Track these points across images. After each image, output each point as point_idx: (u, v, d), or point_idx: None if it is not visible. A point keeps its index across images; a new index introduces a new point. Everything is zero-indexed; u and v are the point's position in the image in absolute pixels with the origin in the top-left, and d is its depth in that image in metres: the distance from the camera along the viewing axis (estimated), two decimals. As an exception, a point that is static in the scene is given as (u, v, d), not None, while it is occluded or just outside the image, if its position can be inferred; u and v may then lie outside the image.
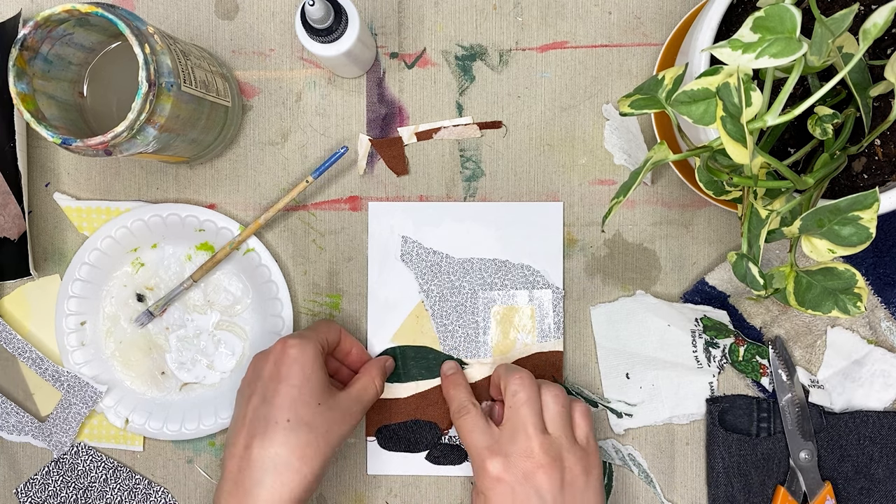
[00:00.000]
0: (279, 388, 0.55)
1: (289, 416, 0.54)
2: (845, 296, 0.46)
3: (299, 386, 0.55)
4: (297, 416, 0.54)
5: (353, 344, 0.63)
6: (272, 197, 0.65)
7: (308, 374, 0.56)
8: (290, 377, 0.55)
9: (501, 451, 0.55)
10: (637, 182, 0.47)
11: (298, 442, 0.54)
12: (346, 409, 0.57)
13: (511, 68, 0.64)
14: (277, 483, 0.53)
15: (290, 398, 0.55)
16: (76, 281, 0.64)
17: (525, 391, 0.57)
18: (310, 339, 0.57)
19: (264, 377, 0.56)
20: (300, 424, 0.54)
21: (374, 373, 0.61)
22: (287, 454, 0.54)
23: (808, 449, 0.62)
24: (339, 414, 0.57)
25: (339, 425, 0.56)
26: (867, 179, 0.52)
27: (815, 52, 0.44)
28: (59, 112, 0.53)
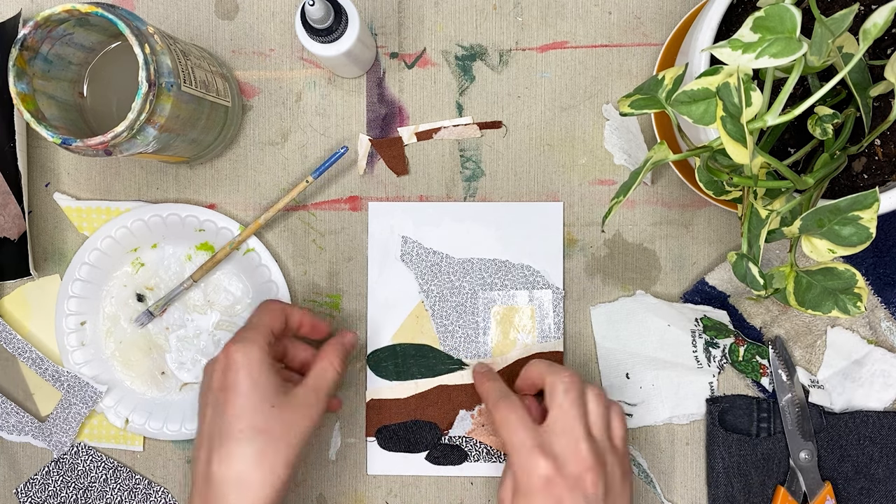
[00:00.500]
0: (228, 397, 0.53)
1: (241, 427, 0.52)
2: (845, 296, 0.46)
3: (248, 393, 0.53)
4: (251, 424, 0.53)
5: (302, 316, 0.59)
6: (272, 197, 0.65)
7: (255, 379, 0.53)
8: (238, 385, 0.53)
9: (551, 451, 0.53)
10: (637, 182, 0.47)
11: (255, 451, 0.52)
12: (303, 403, 0.55)
13: (511, 68, 0.64)
14: (241, 498, 0.52)
15: (240, 407, 0.53)
16: (76, 281, 0.64)
17: (575, 390, 0.55)
18: (252, 340, 0.55)
19: (214, 388, 0.54)
20: (255, 433, 0.53)
21: (331, 356, 0.58)
22: (246, 467, 0.52)
23: (808, 449, 0.62)
24: (296, 411, 0.54)
25: (298, 423, 0.54)
26: (867, 179, 0.52)
27: (815, 52, 0.44)
28: (59, 112, 0.53)
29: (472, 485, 0.65)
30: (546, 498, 0.53)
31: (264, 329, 0.56)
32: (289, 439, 0.53)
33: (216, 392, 0.54)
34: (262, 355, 0.54)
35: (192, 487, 0.54)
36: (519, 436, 0.54)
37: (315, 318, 0.60)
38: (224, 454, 0.52)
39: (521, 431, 0.54)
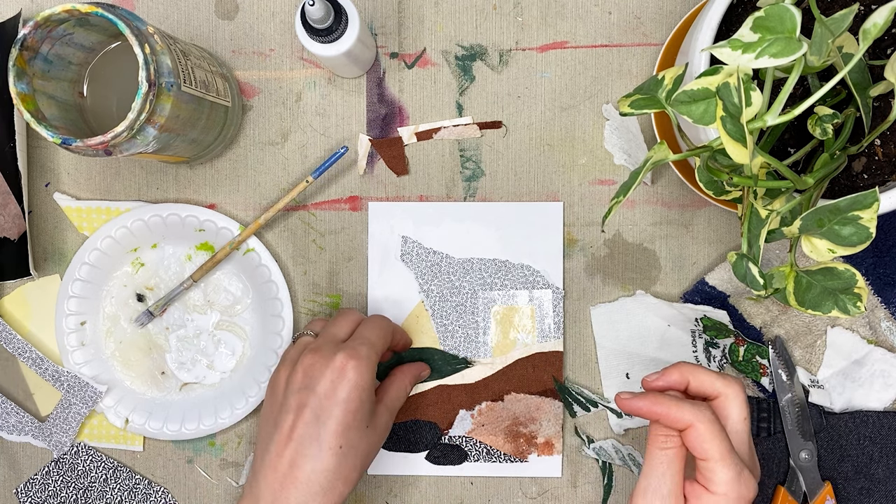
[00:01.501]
0: (334, 411, 0.53)
1: (341, 443, 0.54)
2: (845, 296, 0.46)
3: (355, 412, 0.54)
4: (349, 441, 0.54)
5: (402, 338, 0.62)
6: (272, 197, 0.65)
7: (363, 400, 0.54)
8: (349, 402, 0.54)
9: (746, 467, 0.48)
10: (637, 182, 0.47)
11: (347, 467, 0.54)
12: (383, 424, 0.58)
13: (511, 68, 0.64)
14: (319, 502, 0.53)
15: (344, 424, 0.54)
16: (76, 281, 0.64)
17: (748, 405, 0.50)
18: (367, 358, 0.55)
19: (319, 393, 0.54)
20: (350, 449, 0.54)
21: (407, 381, 0.61)
22: (334, 479, 0.53)
23: (808, 449, 0.62)
24: (379, 432, 0.57)
25: (377, 442, 0.57)
26: (867, 179, 0.52)
27: (815, 52, 0.44)
28: (59, 112, 0.53)
29: (472, 485, 0.65)
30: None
31: (377, 349, 0.57)
32: (369, 456, 0.56)
33: (321, 398, 0.54)
34: (372, 376, 0.55)
35: (260, 481, 0.54)
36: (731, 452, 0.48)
37: (406, 335, 0.63)
38: (318, 464, 0.53)
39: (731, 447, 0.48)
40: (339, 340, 0.57)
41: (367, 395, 0.55)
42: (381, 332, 0.58)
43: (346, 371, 0.54)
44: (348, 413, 0.54)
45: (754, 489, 0.48)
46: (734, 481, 0.47)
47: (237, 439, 0.66)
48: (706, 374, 0.51)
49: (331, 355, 0.55)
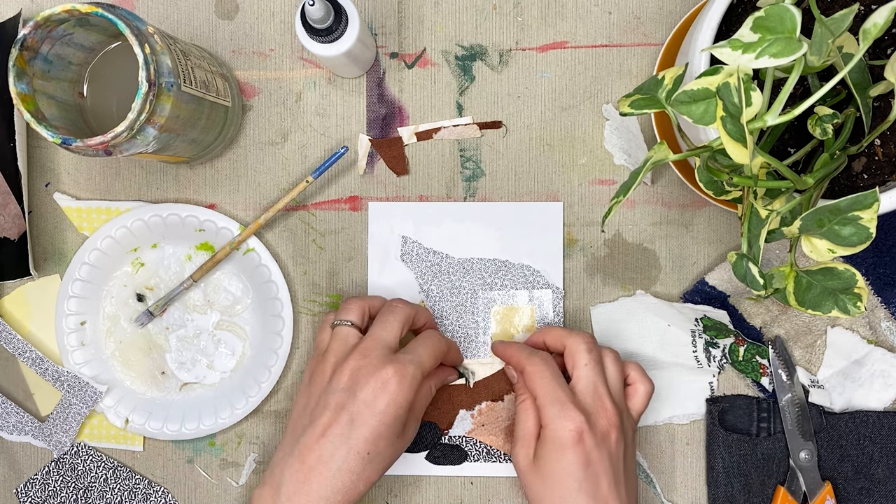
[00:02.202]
0: (370, 420, 0.54)
1: (370, 450, 0.55)
2: (845, 296, 0.46)
3: (389, 424, 0.55)
4: (377, 449, 0.55)
5: (455, 354, 0.63)
6: (272, 197, 0.65)
7: (400, 415, 0.55)
8: (385, 415, 0.55)
9: (583, 407, 0.55)
10: (637, 182, 0.47)
11: (369, 470, 0.55)
12: (412, 433, 0.59)
13: (511, 68, 0.64)
14: (339, 500, 0.54)
15: (377, 434, 0.55)
16: (76, 281, 0.64)
17: (596, 351, 0.57)
18: (414, 378, 0.56)
19: (359, 399, 0.55)
20: (376, 455, 0.55)
21: (435, 383, 0.60)
22: (357, 480, 0.55)
23: (808, 449, 0.62)
24: (405, 440, 0.58)
25: (402, 449, 0.58)
26: (867, 179, 0.52)
27: (815, 52, 0.44)
28: (59, 112, 0.53)
29: (472, 485, 0.65)
30: (576, 452, 0.54)
31: (424, 369, 0.57)
32: (393, 460, 0.57)
33: (360, 405, 0.55)
34: (411, 393, 0.56)
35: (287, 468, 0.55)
36: (554, 390, 0.56)
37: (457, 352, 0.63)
38: (344, 464, 0.55)
39: (555, 385, 0.56)
40: (389, 346, 0.57)
41: (404, 410, 0.56)
42: (435, 351, 0.59)
43: (389, 385, 0.55)
44: (382, 424, 0.55)
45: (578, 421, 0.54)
46: (557, 417, 0.54)
47: (237, 439, 0.66)
48: (554, 331, 0.60)
49: (380, 365, 0.55)
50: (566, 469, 0.54)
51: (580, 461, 0.54)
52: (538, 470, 0.55)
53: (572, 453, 0.54)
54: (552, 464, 0.55)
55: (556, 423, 0.55)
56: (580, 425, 0.54)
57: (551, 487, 0.55)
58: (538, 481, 0.55)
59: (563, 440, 0.54)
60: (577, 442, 0.54)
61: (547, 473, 0.55)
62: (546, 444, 0.55)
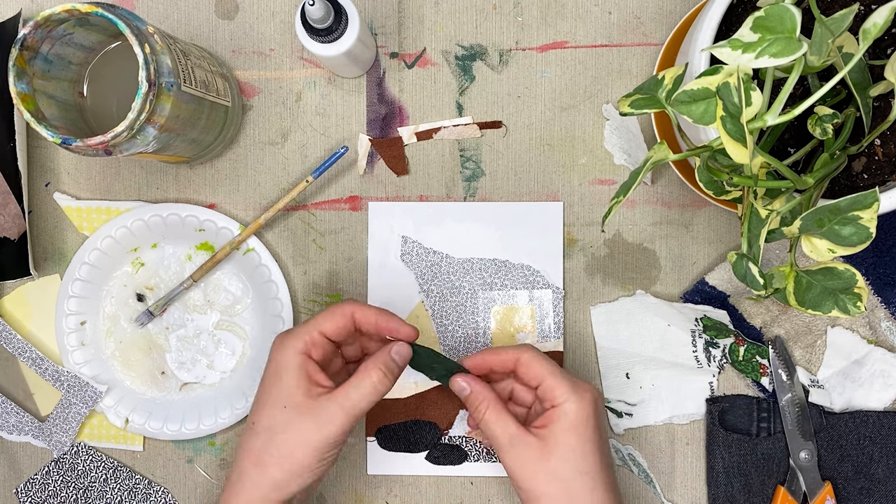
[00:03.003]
0: (258, 388, 0.55)
1: (254, 419, 0.53)
2: (845, 296, 0.46)
3: (268, 388, 0.53)
4: (259, 419, 0.53)
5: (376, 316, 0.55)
6: (272, 197, 0.65)
7: (279, 376, 0.53)
8: (266, 378, 0.54)
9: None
10: (637, 182, 0.47)
11: (256, 447, 0.52)
12: (320, 415, 0.52)
13: (511, 68, 0.64)
14: (237, 487, 0.53)
15: (259, 401, 0.54)
16: (76, 281, 0.64)
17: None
18: (294, 336, 0.53)
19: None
20: (264, 430, 0.52)
21: (372, 367, 0.53)
22: (243, 458, 0.53)
23: (808, 449, 0.62)
24: (309, 421, 0.52)
25: (308, 433, 0.52)
26: (867, 179, 0.52)
27: (815, 51, 0.44)
28: (59, 112, 0.53)
29: (472, 485, 0.65)
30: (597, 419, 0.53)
31: (313, 328, 0.54)
32: (289, 444, 0.52)
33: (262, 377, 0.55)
34: (295, 353, 0.53)
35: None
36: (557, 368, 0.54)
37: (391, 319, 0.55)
38: (241, 442, 0.54)
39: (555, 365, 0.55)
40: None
41: (284, 370, 0.52)
42: (327, 315, 0.54)
43: (272, 349, 0.54)
44: (263, 388, 0.54)
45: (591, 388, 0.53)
46: (573, 390, 0.52)
47: (237, 439, 0.66)
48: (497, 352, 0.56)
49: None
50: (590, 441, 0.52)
51: (600, 427, 0.53)
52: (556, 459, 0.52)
53: (594, 421, 0.53)
54: (573, 442, 0.52)
55: (574, 396, 0.52)
56: (594, 393, 0.53)
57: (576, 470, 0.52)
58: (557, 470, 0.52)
59: (586, 413, 0.52)
60: (597, 412, 0.53)
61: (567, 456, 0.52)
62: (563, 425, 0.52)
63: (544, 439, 0.52)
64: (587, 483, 0.52)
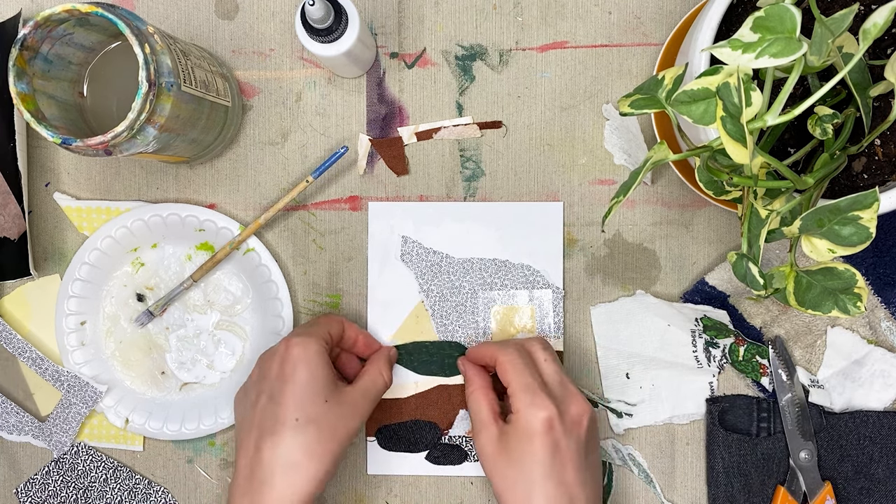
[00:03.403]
0: (285, 387, 0.55)
1: (297, 416, 0.55)
2: (845, 296, 0.46)
3: (305, 384, 0.55)
4: (305, 414, 0.55)
5: (357, 332, 0.63)
6: (272, 197, 0.65)
7: (313, 372, 0.56)
8: (296, 376, 0.56)
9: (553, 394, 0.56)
10: (637, 182, 0.47)
11: (307, 440, 0.54)
12: (352, 403, 0.58)
13: (511, 68, 0.64)
14: (286, 482, 0.54)
15: (296, 397, 0.55)
16: (76, 281, 0.64)
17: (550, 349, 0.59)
18: (313, 335, 0.58)
19: (270, 377, 0.56)
20: (308, 423, 0.55)
21: (381, 364, 0.61)
22: (295, 453, 0.54)
23: (808, 449, 0.62)
24: (346, 409, 0.57)
25: (346, 421, 0.56)
26: (867, 179, 0.52)
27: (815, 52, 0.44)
28: (59, 112, 0.53)
29: (472, 485, 0.65)
30: (544, 439, 0.55)
31: (322, 329, 0.59)
32: (336, 434, 0.56)
33: (273, 381, 0.56)
34: (319, 349, 0.57)
35: (236, 472, 0.56)
36: (524, 378, 0.56)
37: (372, 339, 0.64)
38: (277, 440, 0.54)
39: (527, 374, 0.57)
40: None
41: (316, 367, 0.56)
42: (328, 320, 0.61)
43: (290, 350, 0.56)
44: (297, 386, 0.55)
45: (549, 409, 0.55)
46: (529, 403, 0.55)
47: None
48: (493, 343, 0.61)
49: (276, 346, 0.58)
50: (534, 456, 0.54)
51: (548, 448, 0.54)
52: (506, 456, 0.56)
53: (540, 440, 0.54)
54: (520, 450, 0.55)
55: (527, 411, 0.55)
56: (550, 413, 0.55)
57: (518, 473, 0.55)
58: (505, 467, 0.55)
59: (533, 428, 0.55)
60: (547, 430, 0.54)
61: (515, 459, 0.55)
62: (516, 431, 0.56)
63: (505, 435, 0.56)
64: (524, 489, 0.55)
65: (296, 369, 0.56)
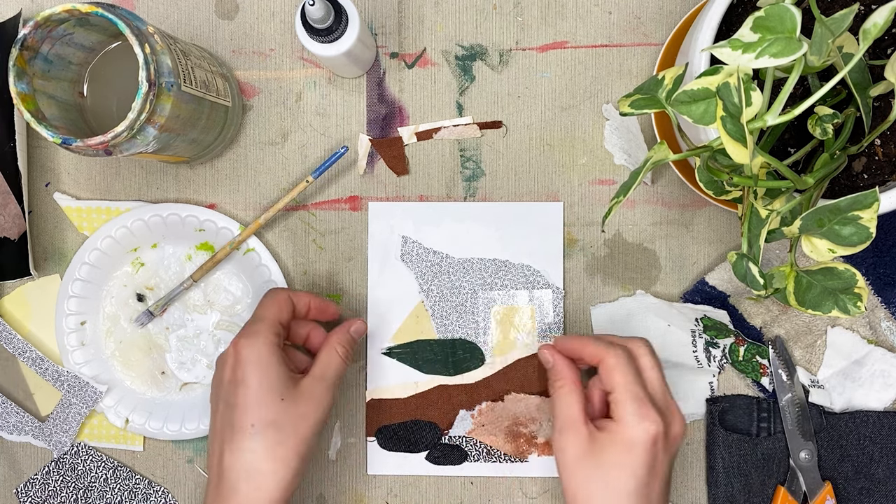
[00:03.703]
0: (237, 391, 0.54)
1: (252, 421, 0.53)
2: (845, 296, 0.46)
3: (257, 387, 0.54)
4: (260, 417, 0.53)
5: (308, 300, 0.59)
6: (272, 197, 0.65)
7: (264, 372, 0.54)
8: (247, 379, 0.54)
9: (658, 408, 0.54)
10: (637, 182, 0.47)
11: (266, 444, 0.53)
12: (311, 395, 0.55)
13: (511, 68, 0.64)
14: (251, 489, 0.53)
15: (250, 401, 0.53)
16: (76, 281, 0.64)
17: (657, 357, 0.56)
18: (258, 332, 0.55)
19: (224, 382, 0.55)
20: (265, 426, 0.53)
21: (336, 344, 0.58)
22: (256, 459, 0.53)
23: (808, 449, 0.62)
24: (305, 403, 0.55)
25: (307, 416, 0.54)
26: (867, 179, 0.52)
27: (815, 52, 0.44)
28: (59, 112, 0.53)
29: (472, 485, 0.65)
30: (646, 453, 0.52)
31: (270, 321, 0.56)
32: (299, 431, 0.54)
33: (227, 386, 0.55)
34: (270, 348, 0.55)
35: (207, 482, 0.55)
36: (635, 385, 0.54)
37: (322, 301, 0.60)
38: (235, 447, 0.53)
39: (637, 382, 0.54)
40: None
41: (268, 367, 0.54)
42: (275, 305, 0.57)
43: (239, 352, 0.54)
44: (250, 389, 0.54)
45: (658, 424, 0.52)
46: (636, 413, 0.52)
47: (237, 439, 0.66)
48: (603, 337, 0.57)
49: (227, 349, 0.56)
50: (631, 467, 0.52)
51: (647, 463, 0.52)
52: (594, 461, 0.53)
53: (642, 454, 0.52)
54: (614, 460, 0.52)
55: (632, 420, 0.53)
56: (658, 427, 0.52)
57: (605, 482, 0.52)
58: (590, 473, 0.53)
59: (636, 439, 0.52)
60: (652, 444, 0.52)
61: (605, 467, 0.53)
62: (613, 439, 0.53)
63: (597, 440, 0.54)
64: (608, 499, 0.52)
65: (246, 372, 0.54)
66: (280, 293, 0.58)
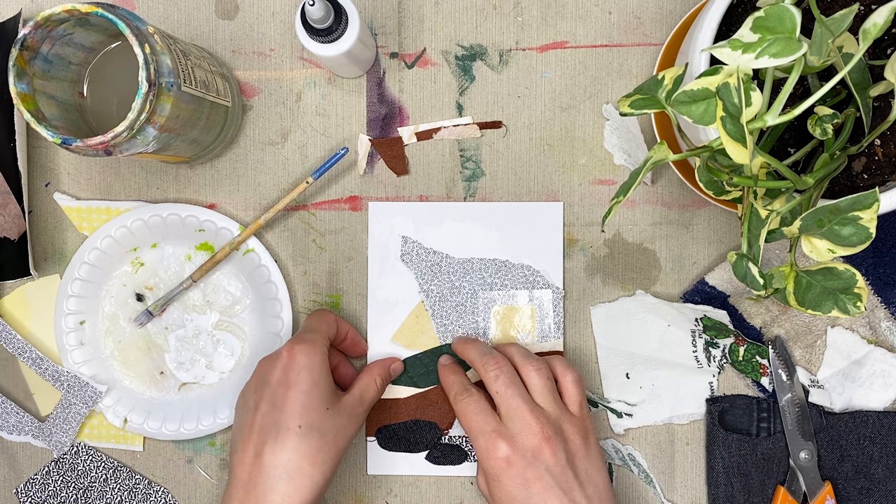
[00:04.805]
0: (289, 394, 0.55)
1: (300, 423, 0.55)
2: (845, 296, 0.46)
3: (309, 392, 0.55)
4: (308, 421, 0.55)
5: (347, 329, 0.63)
6: (272, 197, 0.65)
7: (316, 380, 0.56)
8: (300, 383, 0.56)
9: (506, 433, 0.56)
10: (637, 182, 0.47)
11: (310, 447, 0.54)
12: (350, 411, 0.58)
13: (511, 68, 0.64)
14: (290, 489, 0.54)
15: (300, 404, 0.55)
16: (76, 280, 0.64)
17: (504, 374, 0.58)
18: (316, 342, 0.58)
19: (272, 383, 0.56)
20: (311, 430, 0.55)
21: (376, 372, 0.62)
22: (299, 460, 0.54)
23: (808, 449, 0.62)
24: (345, 417, 0.57)
25: (346, 428, 0.57)
26: (867, 179, 0.52)
27: (815, 52, 0.44)
28: (59, 112, 0.53)
29: (472, 485, 0.65)
30: (510, 478, 0.55)
31: (323, 335, 0.59)
32: (337, 441, 0.56)
33: (275, 387, 0.56)
34: (323, 358, 0.57)
35: (232, 480, 0.56)
36: (478, 423, 0.57)
37: (357, 335, 0.64)
38: (279, 445, 0.54)
39: (480, 419, 0.57)
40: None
41: (319, 375, 0.56)
42: (325, 322, 0.60)
43: (294, 357, 0.56)
44: (301, 394, 0.55)
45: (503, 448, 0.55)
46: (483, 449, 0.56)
47: (237, 439, 0.66)
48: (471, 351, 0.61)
49: (279, 352, 0.58)
50: (509, 494, 0.56)
51: (517, 484, 0.55)
52: (492, 497, 0.57)
53: (506, 479, 0.55)
54: (496, 493, 0.56)
55: (484, 455, 0.56)
56: (505, 452, 0.55)
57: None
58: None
59: (494, 471, 0.56)
60: (506, 468, 0.55)
61: (497, 500, 0.57)
62: (488, 478, 0.57)
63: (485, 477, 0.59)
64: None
65: (300, 376, 0.56)
66: (328, 314, 0.62)
